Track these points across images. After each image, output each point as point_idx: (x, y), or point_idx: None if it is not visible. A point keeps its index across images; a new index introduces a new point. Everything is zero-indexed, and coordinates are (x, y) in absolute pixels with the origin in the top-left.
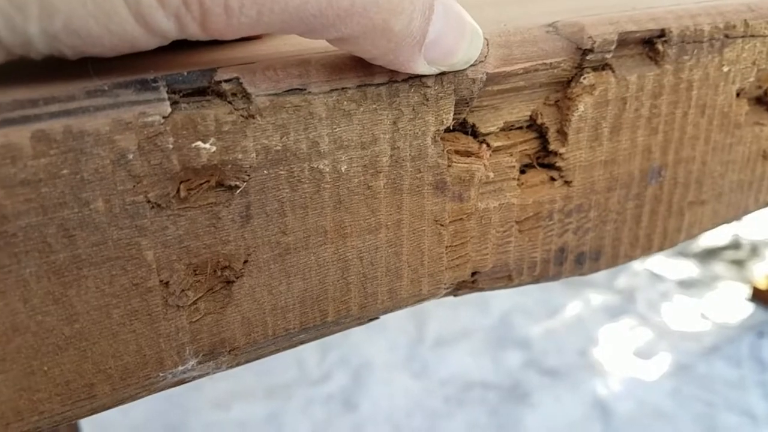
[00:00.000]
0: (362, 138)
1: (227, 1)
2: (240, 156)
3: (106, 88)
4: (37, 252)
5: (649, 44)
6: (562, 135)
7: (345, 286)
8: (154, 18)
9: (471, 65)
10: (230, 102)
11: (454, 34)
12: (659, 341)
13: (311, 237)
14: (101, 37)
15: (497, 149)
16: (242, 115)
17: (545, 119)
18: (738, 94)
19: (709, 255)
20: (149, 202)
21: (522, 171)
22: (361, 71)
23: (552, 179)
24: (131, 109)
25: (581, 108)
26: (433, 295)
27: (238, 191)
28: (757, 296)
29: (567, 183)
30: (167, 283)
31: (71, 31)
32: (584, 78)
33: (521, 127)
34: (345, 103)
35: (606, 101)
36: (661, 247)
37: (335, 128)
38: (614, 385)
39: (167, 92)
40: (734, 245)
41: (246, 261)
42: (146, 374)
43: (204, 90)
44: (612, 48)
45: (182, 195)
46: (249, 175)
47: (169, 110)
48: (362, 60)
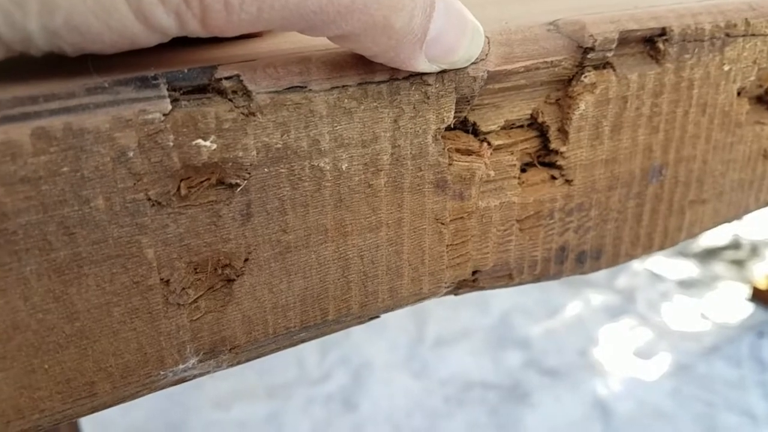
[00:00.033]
0: (363, 136)
1: None
2: (240, 154)
3: (107, 86)
4: (38, 250)
5: (650, 43)
6: (563, 133)
7: (346, 285)
8: (155, 15)
9: (472, 63)
10: (231, 99)
11: (456, 32)
12: (659, 341)
13: (312, 235)
14: (101, 34)
15: (498, 148)
16: (243, 113)
17: (546, 118)
18: (739, 93)
19: (709, 255)
20: (150, 200)
21: (523, 170)
22: (362, 69)
23: (553, 178)
24: (131, 107)
25: (582, 106)
26: (434, 294)
27: (239, 189)
28: (757, 296)
29: (568, 182)
30: (168, 282)
31: (71, 28)
32: (585, 76)
33: (522, 126)
34: (346, 101)
35: (607, 100)
36: (662, 246)
37: (336, 126)
38: (614, 385)
39: (167, 89)
40: (734, 245)
41: (246, 259)
42: (147, 372)
43: (204, 87)
44: (613, 46)
45: (183, 193)
46: (249, 173)
47: (170, 108)
48: (363, 57)
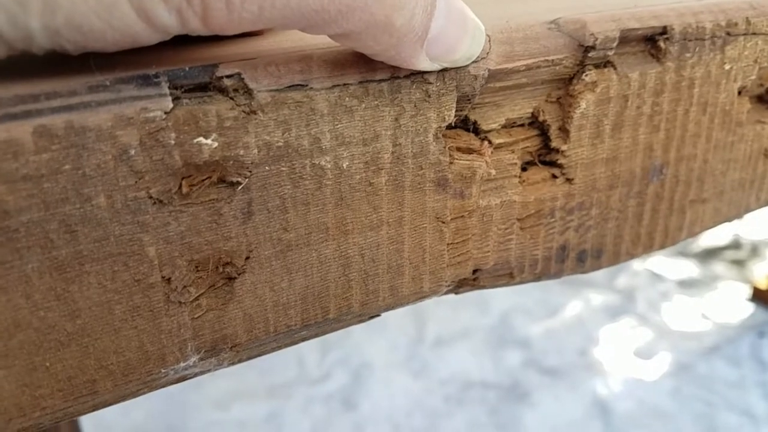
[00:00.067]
0: (364, 134)
1: None
2: (242, 152)
3: (108, 84)
4: (39, 248)
5: (651, 41)
6: (564, 132)
7: (346, 283)
8: (156, 13)
9: (473, 62)
10: (232, 98)
11: (457, 30)
12: (659, 341)
13: (313, 234)
14: (103, 32)
15: (499, 146)
16: (244, 111)
17: (547, 116)
18: (740, 92)
19: (710, 255)
20: (151, 198)
21: (523, 168)
22: (363, 67)
23: (554, 177)
24: (133, 105)
25: (583, 105)
26: (435, 293)
27: (240, 187)
28: (758, 296)
29: (569, 180)
30: (169, 280)
31: (73, 26)
32: (586, 75)
33: (523, 125)
34: (347, 99)
35: (608, 98)
36: (663, 245)
37: (337, 124)
38: (614, 385)
39: (169, 88)
40: (734, 245)
41: (248, 257)
42: (148, 370)
43: (206, 85)
44: (614, 45)
45: (184, 191)
46: (251, 172)
47: (171, 106)
48: (364, 56)
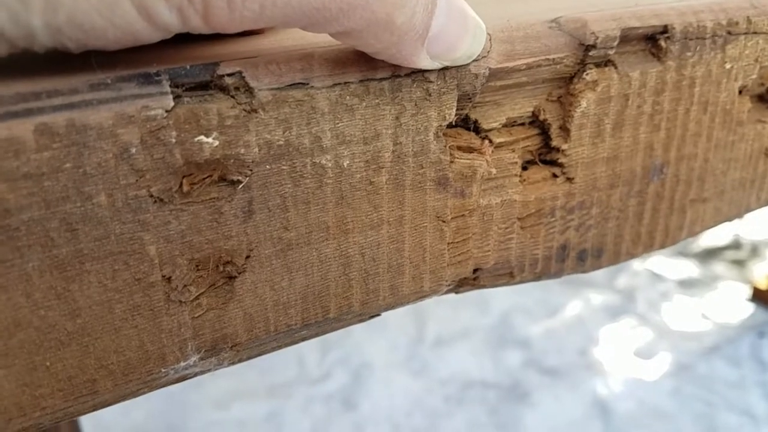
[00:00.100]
0: (365, 133)
1: None
2: (242, 150)
3: (109, 82)
4: (40, 246)
5: (652, 40)
6: (565, 131)
7: (347, 282)
8: (157, 11)
9: (474, 60)
10: (233, 96)
11: (457, 29)
12: (659, 341)
13: (313, 233)
14: (104, 31)
15: (499, 145)
16: (245, 110)
17: (548, 115)
18: (740, 92)
19: (710, 255)
20: (152, 197)
21: (524, 167)
22: (364, 66)
23: (554, 176)
24: (134, 103)
25: (584, 104)
26: (435, 292)
27: (241, 186)
28: (758, 296)
29: (569, 180)
30: (169, 279)
31: (75, 25)
32: (587, 74)
33: (523, 124)
34: (348, 98)
35: (608, 97)
36: (663, 245)
37: (338, 123)
38: (614, 385)
39: (170, 86)
40: (735, 245)
41: (248, 256)
42: (148, 370)
43: (207, 84)
44: (615, 44)
45: (185, 189)
46: (251, 170)
47: (172, 104)
48: (365, 54)
